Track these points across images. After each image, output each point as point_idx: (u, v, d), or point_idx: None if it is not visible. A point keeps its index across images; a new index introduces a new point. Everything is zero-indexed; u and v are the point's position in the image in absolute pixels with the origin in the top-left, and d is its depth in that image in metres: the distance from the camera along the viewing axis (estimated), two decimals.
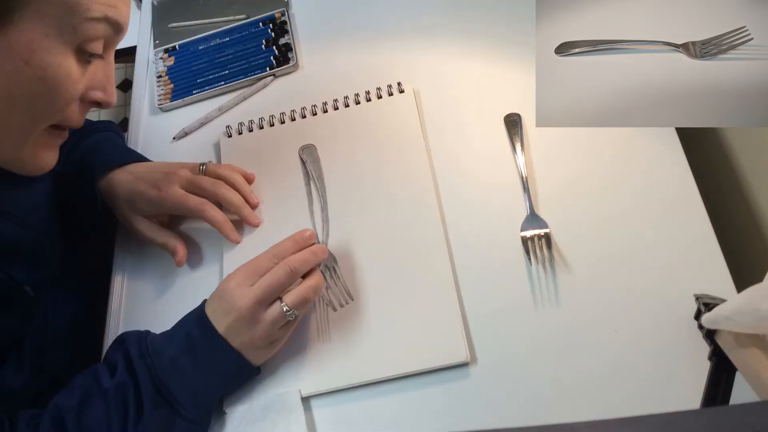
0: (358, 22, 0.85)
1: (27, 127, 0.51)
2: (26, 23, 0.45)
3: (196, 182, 0.67)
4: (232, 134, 0.77)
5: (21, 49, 0.46)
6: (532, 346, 0.58)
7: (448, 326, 0.59)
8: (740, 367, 0.46)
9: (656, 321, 0.57)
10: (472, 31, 0.79)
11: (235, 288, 0.56)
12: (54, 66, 0.48)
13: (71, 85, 0.50)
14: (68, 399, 0.54)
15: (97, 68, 0.52)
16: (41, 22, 0.46)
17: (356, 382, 0.58)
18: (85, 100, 0.53)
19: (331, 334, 0.61)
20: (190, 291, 0.67)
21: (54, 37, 0.47)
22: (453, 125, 0.73)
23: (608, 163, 0.66)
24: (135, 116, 0.84)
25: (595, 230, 0.63)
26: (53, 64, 0.48)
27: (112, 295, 0.70)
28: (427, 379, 0.58)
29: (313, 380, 0.59)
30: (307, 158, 0.73)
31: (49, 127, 0.53)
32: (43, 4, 0.45)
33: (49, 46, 0.47)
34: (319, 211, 0.69)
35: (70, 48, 0.49)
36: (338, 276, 0.64)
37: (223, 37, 0.88)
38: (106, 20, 0.49)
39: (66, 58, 0.49)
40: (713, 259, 0.59)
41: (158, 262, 0.71)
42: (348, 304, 0.62)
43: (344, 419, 0.58)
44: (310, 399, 0.59)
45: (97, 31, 0.49)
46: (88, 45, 0.49)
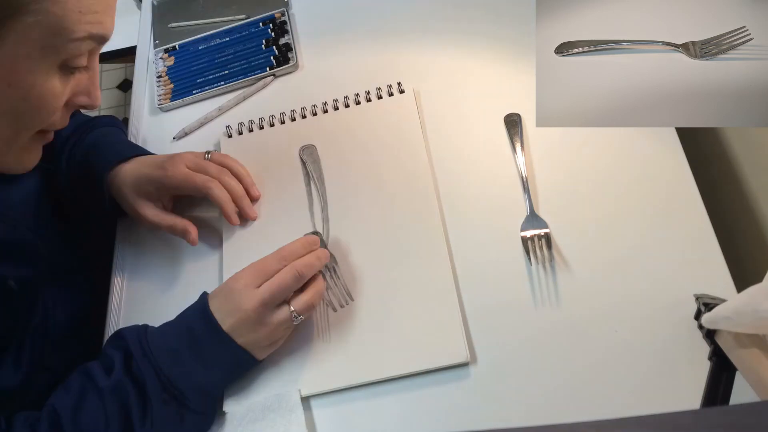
0: (359, 21, 0.85)
1: (12, 137, 0.52)
2: (9, 47, 0.45)
3: (202, 166, 0.68)
4: (232, 134, 0.77)
5: (3, 72, 0.46)
6: (532, 346, 0.58)
7: (449, 326, 0.59)
8: (740, 367, 0.46)
9: (656, 321, 0.57)
10: (472, 31, 0.79)
11: (243, 289, 0.56)
12: (37, 85, 0.48)
13: (55, 100, 0.50)
14: (64, 399, 0.54)
15: (82, 75, 0.52)
16: (24, 45, 0.45)
17: (356, 382, 0.58)
18: (69, 105, 0.53)
19: (331, 334, 0.61)
20: (190, 287, 0.67)
21: (37, 58, 0.47)
22: (453, 125, 0.73)
23: (608, 163, 0.66)
24: (135, 116, 0.84)
25: (595, 230, 0.63)
26: (36, 84, 0.48)
27: (112, 293, 0.70)
28: (427, 379, 0.58)
29: (312, 380, 0.59)
30: (308, 158, 0.73)
31: (35, 132, 0.53)
32: (27, 28, 0.45)
33: (32, 67, 0.47)
34: (320, 211, 0.69)
35: (54, 66, 0.48)
36: (338, 276, 0.64)
37: (223, 37, 0.88)
38: (91, 37, 0.48)
39: (49, 77, 0.48)
40: (713, 259, 0.59)
41: (158, 261, 0.71)
42: (348, 304, 0.62)
43: (344, 419, 0.58)
44: (310, 399, 0.59)
45: (81, 48, 0.48)
46: (72, 61, 0.49)
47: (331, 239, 0.67)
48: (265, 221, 0.70)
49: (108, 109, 2.12)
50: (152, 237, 0.72)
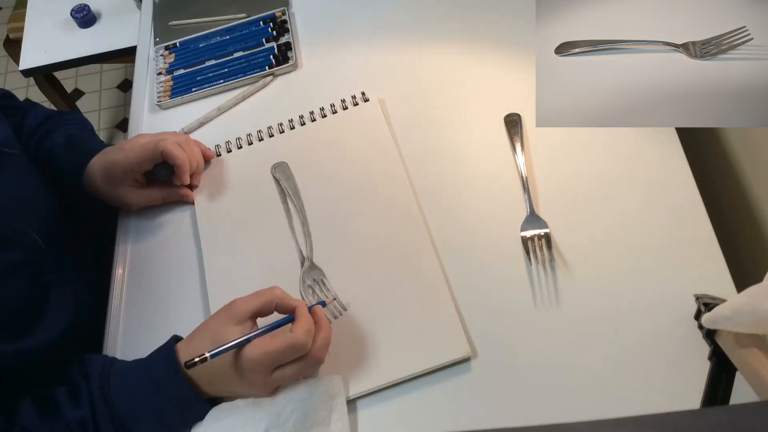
0: (359, 21, 0.85)
1: None
2: None
3: (158, 136, 0.70)
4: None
5: None
6: (532, 346, 0.58)
7: (446, 325, 0.59)
8: (740, 367, 0.46)
9: (656, 321, 0.57)
10: (472, 31, 0.80)
11: (222, 329, 0.54)
12: None
13: None
14: (34, 423, 0.53)
15: None
16: None
17: (360, 392, 0.57)
18: None
19: (330, 347, 0.59)
20: (190, 284, 0.68)
21: None
22: (453, 125, 0.73)
23: (608, 163, 0.66)
24: (135, 115, 0.83)
25: (595, 230, 0.63)
26: None
27: (112, 294, 0.70)
28: (427, 380, 0.58)
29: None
30: (281, 176, 0.72)
31: None
32: None
33: None
34: (300, 226, 0.68)
35: None
36: (328, 289, 0.63)
37: (223, 35, 0.88)
38: None
39: None
40: (713, 259, 0.59)
41: (158, 260, 0.71)
42: (342, 315, 0.62)
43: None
44: None
45: None
46: None
47: (315, 253, 0.66)
48: (246, 242, 0.69)
49: (108, 109, 2.12)
50: (149, 235, 0.73)
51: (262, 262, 0.67)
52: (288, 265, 0.66)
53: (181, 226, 0.73)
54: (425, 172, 0.70)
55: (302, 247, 0.67)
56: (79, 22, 1.49)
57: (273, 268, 0.66)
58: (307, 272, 0.65)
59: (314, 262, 0.65)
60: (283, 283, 0.64)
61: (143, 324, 0.67)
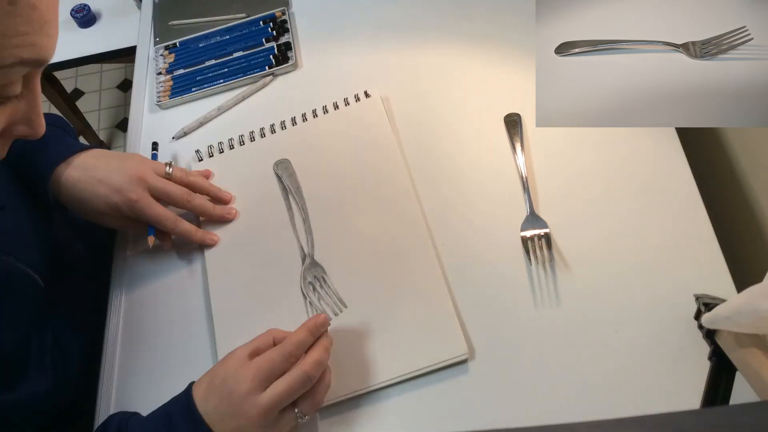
0: (359, 21, 0.85)
1: None
2: None
3: (166, 192, 0.66)
4: (203, 158, 0.76)
5: None
6: (532, 346, 0.58)
7: (445, 324, 0.59)
8: (740, 367, 0.46)
9: (656, 321, 0.57)
10: (472, 31, 0.80)
11: (246, 396, 0.51)
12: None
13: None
14: None
15: (19, 101, 0.44)
16: None
17: (357, 391, 0.57)
18: (7, 136, 0.45)
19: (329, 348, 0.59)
20: (191, 284, 0.68)
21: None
22: (453, 125, 0.73)
23: (608, 163, 0.66)
24: (135, 115, 0.83)
25: (595, 230, 0.63)
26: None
27: (109, 310, 0.69)
28: (426, 380, 0.58)
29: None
30: (282, 173, 0.72)
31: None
32: None
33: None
34: (302, 223, 0.68)
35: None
36: (329, 285, 0.63)
37: (223, 35, 0.88)
38: (22, 63, 0.40)
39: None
40: (713, 259, 0.59)
41: (159, 259, 0.71)
42: (341, 312, 0.62)
43: (345, 421, 0.58)
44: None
45: (11, 76, 0.40)
46: (2, 91, 0.41)
47: (316, 249, 0.66)
48: (249, 242, 0.69)
49: (108, 109, 2.12)
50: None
51: (263, 258, 0.67)
52: (289, 261, 0.66)
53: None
54: (425, 172, 0.70)
55: (303, 244, 0.67)
56: (78, 21, 1.49)
57: (274, 264, 0.66)
58: (308, 269, 0.65)
59: (315, 259, 0.65)
60: (284, 279, 0.64)
61: (142, 325, 0.67)
